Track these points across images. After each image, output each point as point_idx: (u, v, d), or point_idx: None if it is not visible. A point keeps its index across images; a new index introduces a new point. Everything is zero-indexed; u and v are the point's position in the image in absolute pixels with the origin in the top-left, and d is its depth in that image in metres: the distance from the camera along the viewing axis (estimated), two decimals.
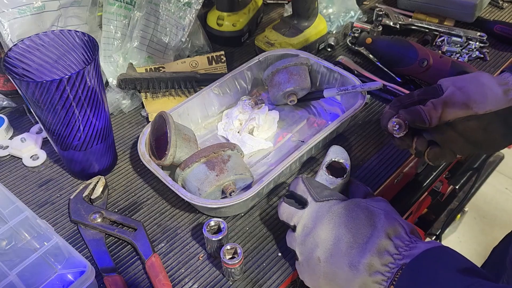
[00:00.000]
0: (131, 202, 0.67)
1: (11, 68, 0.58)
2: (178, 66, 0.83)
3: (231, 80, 0.78)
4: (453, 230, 1.54)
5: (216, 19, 0.94)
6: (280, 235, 0.62)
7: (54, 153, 0.73)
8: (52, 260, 0.58)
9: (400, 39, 0.87)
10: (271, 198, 0.67)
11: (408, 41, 0.82)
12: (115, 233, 0.61)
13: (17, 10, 0.75)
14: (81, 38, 0.61)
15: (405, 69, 0.81)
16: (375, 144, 0.74)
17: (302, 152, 0.65)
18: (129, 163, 0.72)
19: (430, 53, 0.79)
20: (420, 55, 0.78)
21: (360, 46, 0.90)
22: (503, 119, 0.56)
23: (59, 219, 0.64)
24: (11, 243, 0.60)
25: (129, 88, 0.77)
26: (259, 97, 0.83)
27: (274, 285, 0.57)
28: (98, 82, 0.59)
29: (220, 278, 0.57)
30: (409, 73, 0.82)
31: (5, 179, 0.70)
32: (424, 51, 0.79)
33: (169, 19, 0.84)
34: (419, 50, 0.79)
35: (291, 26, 0.89)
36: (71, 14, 0.80)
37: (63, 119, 0.59)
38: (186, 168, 0.61)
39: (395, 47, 0.83)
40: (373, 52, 0.88)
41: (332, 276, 0.49)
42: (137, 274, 0.58)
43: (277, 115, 0.78)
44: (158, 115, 0.68)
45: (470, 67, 0.75)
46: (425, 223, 1.20)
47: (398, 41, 0.84)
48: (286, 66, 0.77)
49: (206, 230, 0.57)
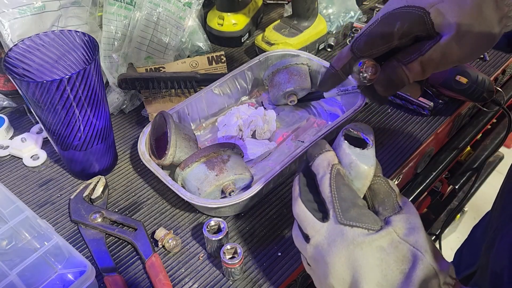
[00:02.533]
0: (131, 202, 0.67)
1: (12, 68, 0.58)
2: (178, 66, 0.83)
3: (231, 80, 0.78)
4: (453, 230, 1.54)
5: (216, 19, 0.94)
6: (280, 234, 0.62)
7: (54, 153, 0.73)
8: (53, 260, 0.58)
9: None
10: (271, 198, 0.67)
11: None
12: (115, 233, 0.61)
13: (18, 10, 0.75)
14: (81, 38, 0.61)
15: None
16: (374, 144, 0.74)
17: (302, 152, 0.65)
18: (129, 163, 0.72)
19: None
20: None
21: None
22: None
23: (59, 219, 0.64)
24: (11, 243, 0.60)
25: (129, 88, 0.77)
26: (258, 98, 0.83)
27: (274, 285, 0.57)
28: (98, 82, 0.59)
29: (220, 278, 0.58)
30: None
31: (5, 179, 0.70)
32: None
33: (169, 19, 0.84)
34: None
35: (291, 26, 0.89)
36: (71, 14, 0.81)
37: (63, 119, 0.59)
38: (186, 167, 0.61)
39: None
40: None
41: None
42: (137, 274, 0.58)
43: (274, 114, 0.78)
44: (158, 115, 0.68)
45: (470, 67, 0.76)
46: (425, 223, 1.19)
47: None
48: (286, 66, 0.77)
49: (206, 230, 0.57)
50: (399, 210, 0.42)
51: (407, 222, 0.41)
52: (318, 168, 0.44)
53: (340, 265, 0.40)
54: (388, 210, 0.42)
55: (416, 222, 0.41)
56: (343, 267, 0.40)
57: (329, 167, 0.43)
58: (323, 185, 0.43)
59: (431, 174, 0.82)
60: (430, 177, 0.81)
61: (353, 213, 0.41)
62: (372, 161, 0.43)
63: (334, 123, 0.69)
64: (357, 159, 0.43)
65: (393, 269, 0.38)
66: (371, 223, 0.40)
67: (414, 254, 0.39)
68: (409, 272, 0.38)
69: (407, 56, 0.43)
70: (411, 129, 0.77)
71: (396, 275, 0.38)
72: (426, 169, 0.82)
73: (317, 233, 0.42)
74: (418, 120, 0.78)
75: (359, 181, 0.44)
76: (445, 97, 0.81)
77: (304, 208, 0.43)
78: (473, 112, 0.89)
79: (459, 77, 0.75)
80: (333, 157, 0.44)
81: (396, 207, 0.43)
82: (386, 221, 0.41)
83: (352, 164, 0.43)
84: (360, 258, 0.39)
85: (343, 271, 0.40)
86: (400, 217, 0.41)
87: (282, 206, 0.66)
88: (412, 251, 0.39)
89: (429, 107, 0.78)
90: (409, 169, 0.77)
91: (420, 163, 0.79)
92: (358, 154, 0.43)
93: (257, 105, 0.81)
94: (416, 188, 0.81)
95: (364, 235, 0.39)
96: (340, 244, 0.40)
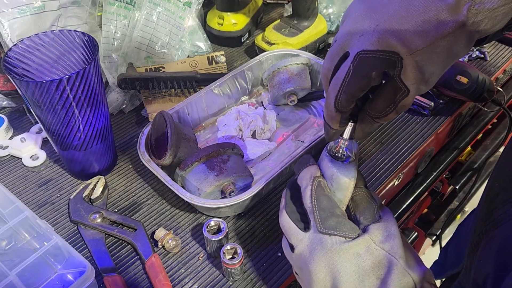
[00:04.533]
0: (131, 202, 0.67)
1: (11, 68, 0.58)
2: (178, 66, 0.83)
3: (231, 80, 0.78)
4: (453, 230, 1.53)
5: (216, 19, 0.94)
6: (280, 235, 0.62)
7: (54, 153, 0.73)
8: (52, 260, 0.58)
9: None
10: (271, 198, 0.67)
11: None
12: (115, 233, 0.61)
13: (17, 10, 0.75)
14: (81, 38, 0.61)
15: None
16: (375, 144, 0.74)
17: (302, 152, 0.65)
18: (129, 163, 0.72)
19: None
20: None
21: None
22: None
23: (59, 219, 0.64)
24: (11, 243, 0.60)
25: (128, 88, 0.77)
26: (258, 98, 0.83)
27: (274, 285, 0.57)
28: (98, 82, 0.59)
29: (220, 278, 0.57)
30: None
31: (5, 179, 0.70)
32: None
33: (168, 19, 0.84)
34: None
35: (291, 26, 0.89)
36: (71, 14, 0.80)
37: (63, 119, 0.59)
38: (186, 168, 0.61)
39: None
40: None
41: None
42: (137, 274, 0.58)
43: (274, 114, 0.78)
44: (158, 115, 0.67)
45: (471, 67, 0.75)
46: (425, 223, 1.20)
47: None
48: (286, 66, 0.77)
49: (206, 230, 0.57)
50: (378, 219, 0.44)
51: (384, 230, 0.43)
52: (302, 181, 0.47)
53: (321, 272, 0.42)
54: (368, 219, 0.45)
55: (393, 230, 0.43)
56: (323, 274, 0.42)
57: (311, 179, 0.46)
58: (305, 196, 0.45)
59: (431, 174, 0.82)
60: (430, 177, 0.81)
61: (332, 222, 0.43)
62: (352, 174, 0.46)
63: None
64: (338, 171, 0.46)
65: (370, 275, 0.40)
66: (349, 231, 0.42)
67: (390, 260, 0.40)
68: (385, 278, 0.40)
69: (380, 112, 0.42)
70: (411, 129, 0.77)
71: (373, 280, 0.40)
72: (426, 169, 0.82)
73: (300, 242, 0.44)
74: (418, 120, 0.78)
75: (340, 192, 0.46)
76: (445, 97, 0.81)
77: (288, 219, 0.46)
78: (474, 112, 0.89)
79: (460, 77, 0.74)
80: (315, 170, 0.47)
81: (376, 216, 0.45)
82: (364, 229, 0.43)
83: (333, 176, 0.46)
84: (338, 264, 0.41)
85: (324, 277, 0.42)
86: (378, 226, 0.43)
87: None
88: (387, 257, 0.41)
89: (430, 107, 0.78)
90: (410, 169, 0.76)
91: (421, 163, 0.79)
92: (340, 167, 0.46)
93: (257, 105, 0.81)
94: (417, 188, 0.81)
95: (342, 242, 0.42)
96: (320, 252, 0.42)
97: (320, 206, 0.44)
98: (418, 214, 1.16)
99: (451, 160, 0.84)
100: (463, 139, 0.86)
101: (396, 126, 0.77)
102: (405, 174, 0.76)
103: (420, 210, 1.15)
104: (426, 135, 0.76)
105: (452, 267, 0.66)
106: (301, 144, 0.73)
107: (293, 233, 0.45)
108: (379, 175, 0.69)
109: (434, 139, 0.77)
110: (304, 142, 0.74)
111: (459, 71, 0.75)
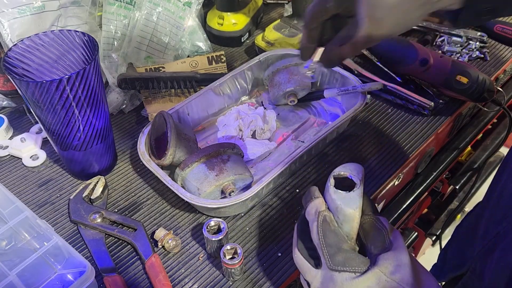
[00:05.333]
0: (131, 202, 0.67)
1: (11, 68, 0.58)
2: (178, 66, 0.83)
3: (231, 80, 0.78)
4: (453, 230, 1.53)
5: (216, 18, 0.94)
6: (280, 235, 0.62)
7: (54, 153, 0.73)
8: (52, 260, 0.58)
9: (401, 38, 0.87)
10: (271, 198, 0.67)
11: (408, 41, 0.82)
12: (115, 233, 0.61)
13: (17, 10, 0.75)
14: (81, 38, 0.61)
15: (405, 68, 0.81)
16: (375, 144, 0.74)
17: (302, 152, 0.65)
18: (129, 163, 0.72)
19: (430, 53, 0.78)
20: (421, 55, 0.78)
21: None
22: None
23: (59, 219, 0.64)
24: (11, 243, 0.60)
25: (128, 88, 0.77)
26: (258, 98, 0.83)
27: (274, 285, 0.57)
28: (98, 82, 0.59)
29: (220, 278, 0.57)
30: (409, 73, 0.82)
31: (5, 179, 0.70)
32: (425, 51, 0.79)
33: (168, 19, 0.84)
34: (420, 50, 0.79)
35: (291, 26, 0.89)
36: (71, 14, 0.80)
37: (63, 119, 0.59)
38: (186, 168, 0.61)
39: (395, 47, 0.83)
40: (373, 52, 0.87)
41: None
42: (137, 274, 0.58)
43: (274, 114, 0.78)
44: (158, 115, 0.67)
45: (471, 66, 0.75)
46: (425, 223, 1.20)
47: (398, 41, 0.84)
48: (287, 66, 0.77)
49: (206, 230, 0.57)
50: (389, 247, 0.44)
51: (394, 260, 0.42)
52: (309, 216, 0.48)
53: None
54: (378, 247, 0.45)
55: (403, 259, 0.43)
56: None
57: (316, 214, 0.46)
58: (313, 232, 0.46)
59: (431, 174, 0.82)
60: (430, 177, 0.81)
61: (340, 258, 0.43)
62: (357, 204, 0.45)
63: (334, 123, 0.69)
64: (342, 203, 0.45)
65: None
66: (358, 265, 0.42)
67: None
68: None
69: (340, 40, 0.50)
70: (411, 129, 0.77)
71: None
72: (426, 169, 0.82)
73: (314, 279, 0.45)
74: (418, 120, 0.78)
75: (347, 224, 0.46)
76: (445, 97, 0.81)
77: (300, 256, 0.47)
78: (474, 112, 0.89)
79: (460, 77, 0.74)
80: (320, 204, 0.47)
81: (386, 243, 0.44)
82: (374, 260, 0.43)
83: (338, 208, 0.46)
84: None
85: None
86: (388, 256, 0.43)
87: (283, 207, 0.66)
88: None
89: (430, 107, 0.78)
90: (410, 169, 0.76)
91: (421, 163, 0.79)
92: (343, 199, 0.46)
93: (257, 105, 0.81)
94: (417, 188, 0.80)
95: (352, 278, 0.42)
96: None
97: (327, 242, 0.45)
98: (418, 214, 1.16)
99: (451, 160, 0.84)
100: (463, 139, 0.86)
101: (396, 126, 0.77)
102: (405, 174, 0.76)
103: (420, 210, 1.15)
104: (426, 135, 0.76)
105: (454, 269, 0.66)
106: (301, 144, 0.73)
107: (307, 270, 0.46)
108: (379, 175, 0.69)
109: (434, 139, 0.77)
110: (304, 142, 0.74)
111: (459, 71, 0.75)
